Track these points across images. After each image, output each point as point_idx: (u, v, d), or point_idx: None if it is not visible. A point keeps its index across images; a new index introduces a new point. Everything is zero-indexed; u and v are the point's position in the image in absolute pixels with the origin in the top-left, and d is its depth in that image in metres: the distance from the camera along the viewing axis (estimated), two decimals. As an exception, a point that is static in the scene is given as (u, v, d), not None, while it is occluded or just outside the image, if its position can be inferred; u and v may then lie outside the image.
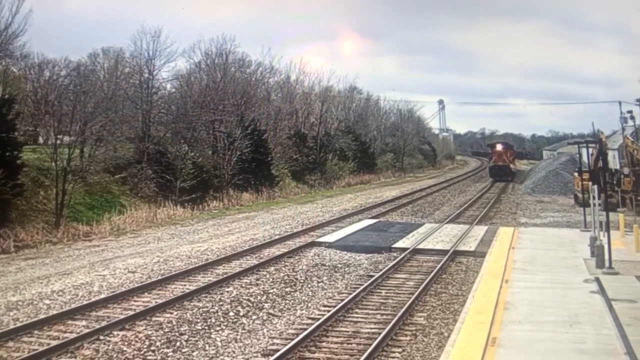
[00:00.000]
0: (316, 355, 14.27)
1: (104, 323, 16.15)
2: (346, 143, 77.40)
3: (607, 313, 15.43)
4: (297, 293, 20.13)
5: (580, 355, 12.46)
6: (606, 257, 20.88)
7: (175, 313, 17.33)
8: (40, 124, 41.77)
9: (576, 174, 48.03)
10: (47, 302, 18.54)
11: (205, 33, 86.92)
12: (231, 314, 17.47)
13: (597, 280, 19.23)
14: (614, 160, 53.63)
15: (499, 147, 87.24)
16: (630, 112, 60.57)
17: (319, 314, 17.43)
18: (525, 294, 17.59)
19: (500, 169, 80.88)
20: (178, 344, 14.86)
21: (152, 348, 14.49)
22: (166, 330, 15.80)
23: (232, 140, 48.54)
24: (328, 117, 78.44)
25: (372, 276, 21.91)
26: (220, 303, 18.44)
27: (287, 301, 19.14)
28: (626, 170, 45.01)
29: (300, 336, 14.98)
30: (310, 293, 20.15)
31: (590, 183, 26.45)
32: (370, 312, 17.84)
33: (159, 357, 13.98)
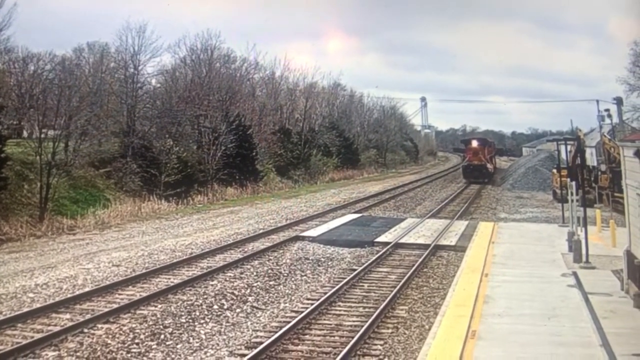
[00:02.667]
0: (299, 347, 14.47)
1: (88, 316, 16.26)
2: (330, 139, 77.59)
3: (583, 306, 15.77)
4: (281, 287, 20.33)
5: (557, 348, 12.75)
6: (583, 251, 21.28)
7: (159, 306, 17.46)
8: (25, 118, 41.65)
9: (555, 170, 48.49)
10: (31, 295, 18.62)
11: (190, 29, 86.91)
12: (215, 307, 17.64)
13: (575, 274, 19.60)
14: (591, 158, 54.15)
15: (474, 143, 76.12)
16: (607, 110, 61.33)
17: (302, 307, 17.64)
18: (504, 288, 17.91)
19: (476, 169, 70.39)
20: (162, 336, 15.00)
21: (137, 341, 14.63)
22: (150, 323, 15.93)
23: (217, 135, 48.59)
24: (312, 113, 78.57)
25: (354, 270, 22.14)
26: (205, 296, 18.60)
27: (270, 294, 19.34)
28: (603, 167, 45.52)
29: (284, 329, 15.17)
30: (293, 286, 20.35)
31: (568, 179, 26.80)
32: (353, 305, 18.06)
33: (143, 350, 14.11)
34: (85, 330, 15.22)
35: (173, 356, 13.81)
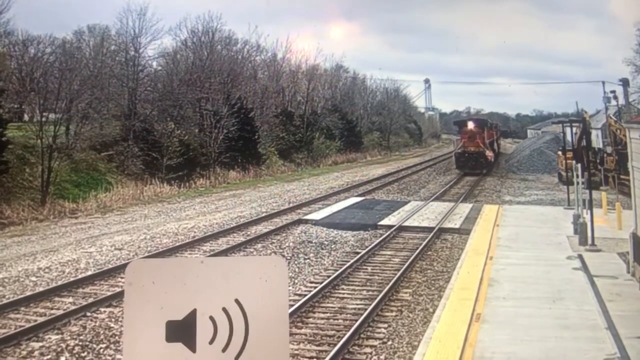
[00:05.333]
0: (303, 330, 14.41)
1: (90, 300, 16.22)
2: (333, 122, 77.34)
3: (589, 289, 15.65)
4: (284, 270, 20.23)
5: (563, 331, 12.65)
6: (589, 234, 21.13)
7: (162, 290, 17.36)
8: (26, 102, 41.49)
9: (560, 152, 48.24)
10: (34, 279, 18.58)
11: (191, 11, 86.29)
12: (218, 290, 17.54)
13: (580, 257, 19.49)
14: (597, 139, 53.99)
15: (470, 125, 60.23)
16: (613, 92, 60.92)
17: (305, 290, 17.57)
18: (509, 271, 17.80)
19: (471, 157, 56.96)
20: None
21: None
22: (153, 306, 15.84)
23: (219, 118, 48.43)
24: (315, 96, 78.25)
25: (358, 253, 22.08)
26: (208, 280, 18.50)
27: (273, 278, 19.23)
28: (609, 149, 45.36)
29: (287, 313, 15.08)
30: (297, 270, 20.28)
31: (573, 162, 26.65)
32: (357, 288, 17.99)
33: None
34: (88, 314, 15.18)
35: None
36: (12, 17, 43.09)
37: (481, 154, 57.23)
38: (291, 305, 15.73)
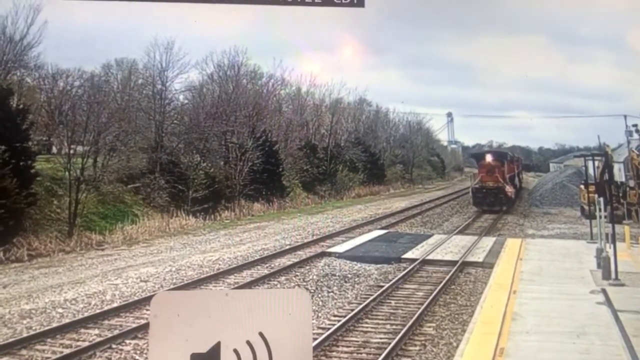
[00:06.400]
0: (326, 364, 14.47)
1: (116, 332, 16.40)
2: (356, 154, 77.40)
3: (613, 324, 15.57)
4: (308, 303, 20.28)
5: (586, 366, 12.62)
6: (612, 268, 21.01)
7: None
8: (54, 134, 42.16)
9: (582, 186, 47.81)
10: (60, 310, 18.82)
11: (217, 45, 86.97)
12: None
13: (604, 291, 19.37)
14: (619, 173, 53.52)
15: (488, 158, 55.56)
16: (635, 125, 60.40)
17: (329, 324, 17.63)
18: (532, 305, 17.74)
19: (490, 192, 51.84)
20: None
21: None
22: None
23: (244, 151, 48.80)
24: (338, 129, 78.42)
25: (381, 286, 22.10)
26: (232, 312, 18.60)
27: (297, 311, 19.28)
28: (632, 183, 44.99)
29: (311, 346, 15.13)
30: (320, 303, 20.34)
31: (596, 195, 26.54)
32: (380, 322, 18.02)
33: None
34: (114, 346, 15.35)
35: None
36: (43, 51, 43.96)
37: (501, 190, 52.19)
38: (315, 339, 15.79)
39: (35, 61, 42.75)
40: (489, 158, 55.38)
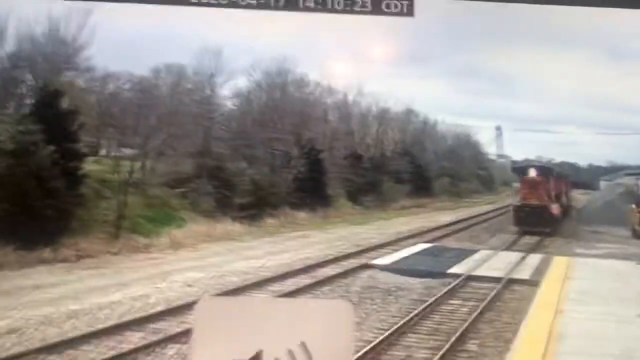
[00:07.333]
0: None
1: (160, 336, 16.47)
2: (402, 165, 77.09)
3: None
4: (350, 315, 20.12)
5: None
6: (663, 291, 20.45)
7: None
8: (103, 136, 42.80)
9: (634, 206, 46.51)
10: (106, 312, 19.00)
11: (265, 51, 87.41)
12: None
13: (654, 314, 18.84)
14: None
15: (532, 172, 49.69)
16: None
17: (372, 337, 17.44)
18: (578, 326, 17.31)
19: (532, 211, 45.28)
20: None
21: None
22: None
23: (289, 159, 48.96)
24: (384, 139, 78.27)
25: (425, 301, 21.83)
26: (274, 321, 18.52)
27: (340, 322, 19.13)
28: None
29: (353, 359, 14.98)
30: (363, 315, 20.16)
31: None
32: (423, 337, 17.78)
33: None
34: (157, 350, 15.41)
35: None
36: (93, 54, 44.68)
37: (545, 209, 46.10)
38: (357, 352, 15.63)
39: (86, 63, 43.49)
40: (532, 173, 49.84)
